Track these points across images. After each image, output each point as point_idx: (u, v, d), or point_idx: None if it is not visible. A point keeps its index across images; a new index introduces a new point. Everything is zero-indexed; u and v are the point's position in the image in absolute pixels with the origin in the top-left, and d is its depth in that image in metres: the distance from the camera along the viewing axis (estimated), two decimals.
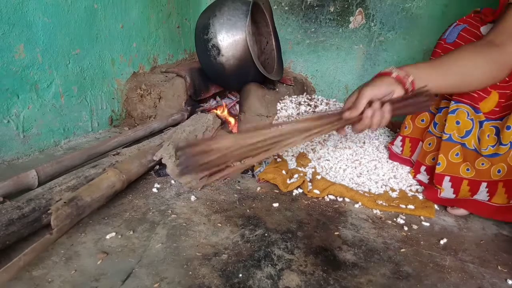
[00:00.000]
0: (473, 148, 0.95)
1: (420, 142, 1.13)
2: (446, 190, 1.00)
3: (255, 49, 1.39)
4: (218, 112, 1.54)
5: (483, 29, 0.97)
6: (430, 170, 1.07)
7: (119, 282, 0.67)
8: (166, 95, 1.51)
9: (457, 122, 0.96)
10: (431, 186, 1.05)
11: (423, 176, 1.11)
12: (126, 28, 1.47)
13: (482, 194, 0.95)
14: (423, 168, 1.10)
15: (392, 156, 1.22)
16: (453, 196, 0.99)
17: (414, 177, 1.14)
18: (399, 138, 1.19)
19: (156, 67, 1.71)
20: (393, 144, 1.21)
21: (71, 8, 1.19)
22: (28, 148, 1.14)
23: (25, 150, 1.13)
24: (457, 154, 0.97)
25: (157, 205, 0.94)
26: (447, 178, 0.99)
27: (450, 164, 0.98)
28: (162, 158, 1.08)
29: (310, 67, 1.92)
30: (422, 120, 1.12)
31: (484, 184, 0.94)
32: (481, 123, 0.94)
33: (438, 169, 0.99)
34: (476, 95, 0.93)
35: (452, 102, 0.97)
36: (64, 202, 0.74)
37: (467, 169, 0.97)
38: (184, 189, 1.03)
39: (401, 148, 1.18)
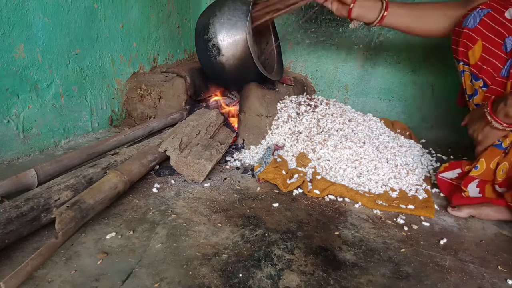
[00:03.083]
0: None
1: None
2: (472, 192, 0.97)
3: (255, 49, 1.39)
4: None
5: (507, 13, 0.91)
6: (462, 174, 1.03)
7: (119, 282, 0.67)
8: (166, 95, 1.51)
9: None
10: (455, 184, 1.03)
11: (451, 174, 1.06)
12: (126, 28, 1.47)
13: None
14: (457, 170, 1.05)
15: (460, 199, 1.03)
16: (480, 195, 0.97)
17: (440, 172, 1.08)
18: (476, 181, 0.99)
19: (156, 67, 1.71)
20: (466, 188, 1.01)
21: (71, 8, 1.19)
22: (28, 148, 1.14)
23: (25, 150, 1.13)
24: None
25: (157, 205, 0.94)
26: (475, 181, 0.96)
27: (487, 170, 0.94)
28: (166, 150, 1.10)
29: (310, 67, 1.91)
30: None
31: None
32: None
33: (474, 173, 0.95)
34: None
35: None
36: (67, 206, 0.74)
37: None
38: (185, 189, 1.03)
39: (478, 190, 1.00)
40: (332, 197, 1.06)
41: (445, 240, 0.88)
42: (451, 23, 1.06)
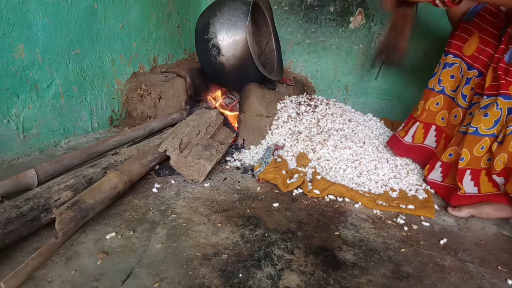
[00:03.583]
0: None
1: (433, 126, 1.09)
2: (468, 186, 0.98)
3: (255, 49, 1.39)
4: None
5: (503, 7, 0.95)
6: (445, 167, 1.05)
7: (119, 282, 0.67)
8: (166, 95, 1.51)
9: (486, 115, 0.93)
10: (449, 186, 1.04)
11: (436, 173, 1.08)
12: (126, 28, 1.47)
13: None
14: (438, 163, 1.07)
15: (398, 146, 1.12)
16: (475, 189, 0.98)
17: (427, 175, 1.10)
18: (417, 125, 1.09)
19: (156, 67, 1.71)
20: (407, 134, 1.12)
21: (71, 8, 1.19)
22: (28, 148, 1.14)
23: (25, 150, 1.13)
24: (482, 148, 0.94)
25: (157, 205, 0.94)
26: (467, 172, 0.97)
27: (473, 158, 0.96)
28: (166, 150, 1.10)
29: (310, 67, 1.91)
30: (437, 104, 1.06)
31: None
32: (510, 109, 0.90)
33: (461, 164, 0.97)
34: (504, 81, 0.90)
35: (485, 97, 0.94)
36: (67, 206, 0.74)
37: (488, 159, 0.95)
38: (185, 189, 1.03)
39: (412, 133, 1.10)
40: (332, 197, 1.06)
41: (445, 240, 0.88)
42: None
